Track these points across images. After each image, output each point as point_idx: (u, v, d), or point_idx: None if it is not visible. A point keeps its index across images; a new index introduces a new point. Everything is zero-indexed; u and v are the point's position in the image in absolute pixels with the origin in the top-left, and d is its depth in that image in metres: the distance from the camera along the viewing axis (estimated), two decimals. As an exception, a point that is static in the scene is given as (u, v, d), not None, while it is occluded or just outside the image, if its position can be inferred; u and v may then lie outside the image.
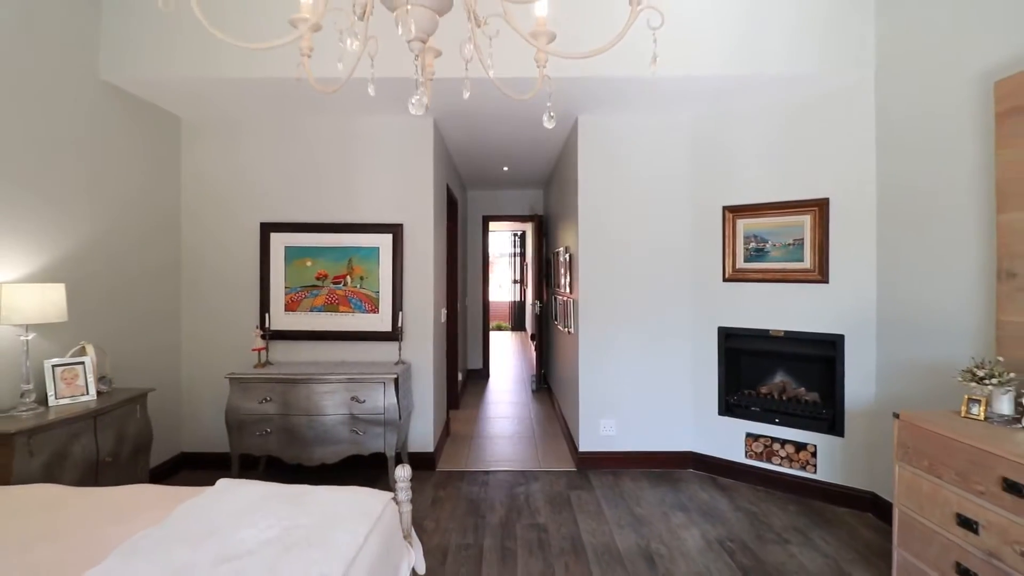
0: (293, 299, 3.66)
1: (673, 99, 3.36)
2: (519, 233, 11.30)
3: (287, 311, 3.65)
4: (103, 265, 3.00)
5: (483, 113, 3.61)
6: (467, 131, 4.09)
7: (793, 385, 3.39)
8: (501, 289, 12.65)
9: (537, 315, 6.57)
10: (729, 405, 3.50)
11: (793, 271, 3.21)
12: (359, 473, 3.47)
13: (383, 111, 3.54)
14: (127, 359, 3.14)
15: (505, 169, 5.50)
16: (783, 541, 2.68)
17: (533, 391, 6.25)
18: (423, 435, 3.72)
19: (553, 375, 5.77)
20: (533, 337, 7.08)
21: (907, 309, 2.75)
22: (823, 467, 3.13)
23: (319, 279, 3.67)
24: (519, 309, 12.14)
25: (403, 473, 1.92)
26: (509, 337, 11.70)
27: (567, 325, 4.41)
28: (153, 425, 2.93)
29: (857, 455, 3.02)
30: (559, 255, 4.95)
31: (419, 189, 3.70)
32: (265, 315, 3.61)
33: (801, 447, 3.21)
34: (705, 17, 2.91)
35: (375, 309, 3.66)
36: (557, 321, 5.18)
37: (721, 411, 3.52)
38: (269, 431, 3.18)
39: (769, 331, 3.30)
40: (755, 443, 3.38)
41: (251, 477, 2.91)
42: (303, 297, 3.66)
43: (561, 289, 4.81)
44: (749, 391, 3.49)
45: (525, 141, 4.38)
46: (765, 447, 3.34)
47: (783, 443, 3.27)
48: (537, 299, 6.64)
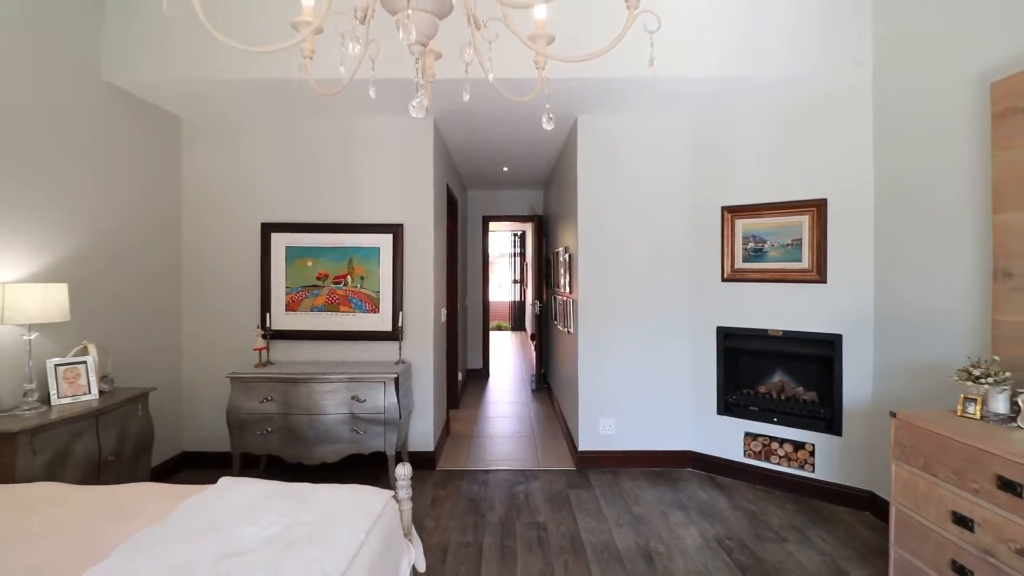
0: (294, 299, 3.68)
1: (672, 100, 3.37)
2: (519, 233, 11.31)
3: (288, 311, 3.67)
4: (105, 265, 3.01)
5: (483, 114, 3.62)
6: (467, 131, 4.10)
7: (791, 384, 3.41)
8: (501, 289, 12.66)
9: (537, 315, 6.59)
10: (728, 404, 3.51)
11: (791, 271, 3.22)
12: (359, 472, 3.49)
13: (383, 111, 3.55)
14: (129, 359, 3.16)
15: (505, 169, 5.51)
16: (781, 539, 2.70)
17: (533, 391, 6.26)
18: (423, 434, 3.74)
19: (553, 375, 5.79)
20: (533, 337, 7.09)
21: (904, 309, 2.76)
22: (821, 466, 3.15)
23: (320, 279, 3.68)
24: (519, 309, 12.15)
25: (403, 471, 1.93)
26: (509, 337, 11.71)
27: (567, 325, 4.43)
28: (155, 424, 2.95)
29: (855, 454, 3.04)
30: (559, 255, 4.96)
31: (419, 189, 3.72)
32: (266, 315, 3.62)
33: (799, 446, 3.22)
34: (704, 19, 2.93)
35: (375, 309, 3.68)
36: (557, 321, 5.19)
37: (720, 410, 3.54)
38: (270, 430, 3.19)
39: (768, 331, 3.32)
40: (753, 442, 3.40)
41: (252, 476, 2.91)
42: (304, 297, 3.68)
43: (561, 289, 4.82)
44: (748, 390, 3.51)
45: (525, 141, 4.39)
46: (763, 446, 3.36)
47: (781, 442, 3.29)
48: (537, 299, 6.65)
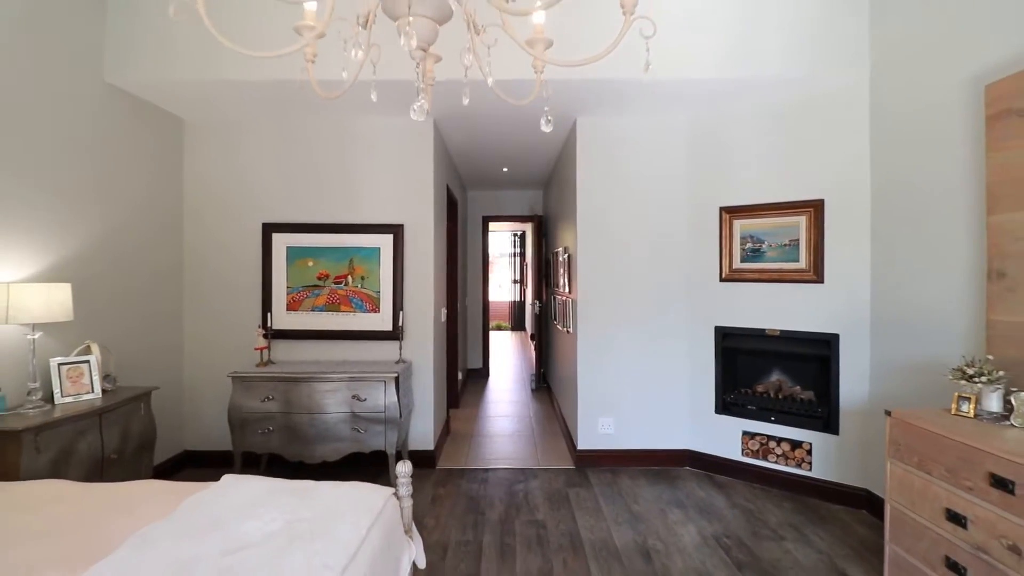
0: (295, 299, 3.70)
1: (671, 101, 3.39)
2: (519, 233, 11.33)
3: (289, 311, 3.69)
4: (108, 265, 3.03)
5: (483, 115, 3.64)
6: (467, 132, 4.12)
7: (789, 384, 3.43)
8: (501, 289, 12.68)
9: (537, 315, 6.61)
10: (726, 404, 3.54)
11: (789, 271, 3.25)
12: (360, 471, 3.51)
13: (384, 112, 3.57)
14: (131, 358, 3.18)
15: (505, 170, 5.54)
16: (778, 537, 2.72)
17: (532, 390, 6.28)
18: (423, 433, 3.76)
19: (552, 374, 5.81)
20: (533, 337, 7.11)
21: (901, 308, 2.79)
22: (818, 465, 3.17)
23: (321, 279, 3.70)
24: (519, 309, 12.17)
25: (404, 469, 1.96)
26: (509, 337, 11.73)
27: (566, 325, 4.45)
28: (157, 423, 2.97)
29: (852, 453, 3.06)
30: (558, 255, 4.99)
31: (419, 190, 3.74)
32: (267, 314, 3.65)
33: (796, 445, 3.25)
34: (702, 20, 2.95)
35: (376, 309, 3.70)
36: (556, 321, 5.22)
37: (718, 409, 3.56)
38: (271, 429, 3.22)
39: (765, 330, 3.34)
40: (751, 441, 3.42)
41: (253, 474, 2.94)
42: (305, 297, 3.70)
43: (560, 289, 4.85)
44: (745, 390, 3.53)
45: (525, 142, 4.42)
46: (761, 445, 3.38)
47: (779, 441, 3.31)
48: (537, 299, 6.67)
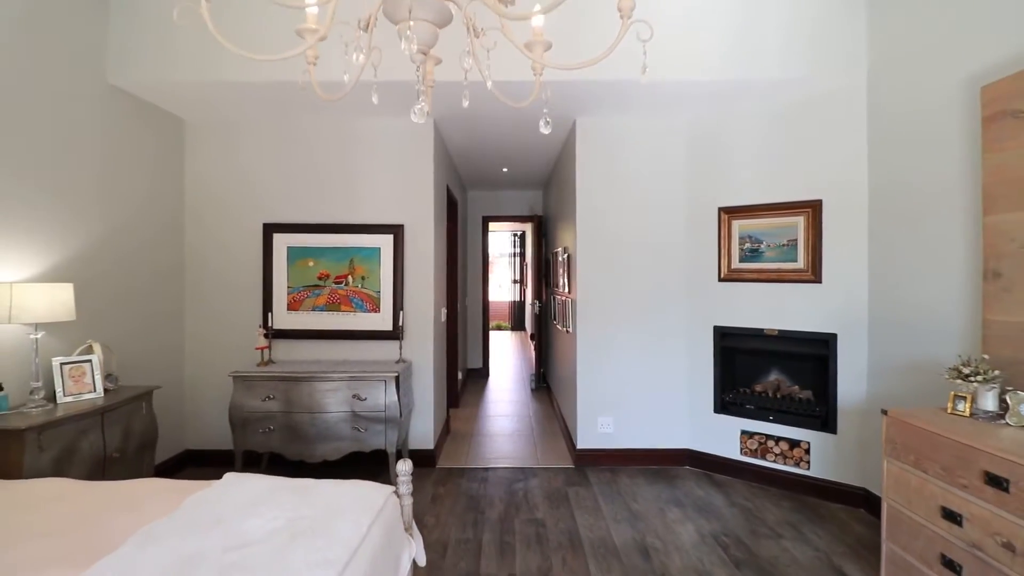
0: (295, 299, 3.71)
1: (669, 102, 3.41)
2: (519, 233, 11.35)
3: (290, 310, 3.71)
4: (110, 265, 3.05)
5: (482, 116, 3.66)
6: (467, 133, 4.14)
7: (787, 383, 3.45)
8: (501, 289, 12.70)
9: (536, 315, 6.62)
10: (724, 403, 3.55)
11: (787, 271, 3.26)
12: (360, 470, 3.52)
13: (384, 113, 3.58)
14: (133, 358, 3.19)
15: (505, 170, 5.55)
16: (776, 536, 2.74)
17: (532, 390, 6.30)
18: (423, 432, 3.78)
19: (552, 374, 5.83)
20: (532, 336, 7.13)
21: (898, 308, 2.80)
22: (816, 464, 3.19)
23: (321, 279, 3.72)
24: (519, 309, 12.19)
25: (404, 467, 1.97)
26: (509, 337, 11.75)
27: (566, 325, 4.47)
28: (158, 423, 2.98)
29: (849, 452, 3.08)
30: (558, 255, 5.00)
31: (419, 190, 3.76)
32: (268, 314, 3.66)
33: (795, 444, 3.26)
34: (701, 22, 2.97)
35: (376, 308, 3.72)
36: (556, 321, 5.23)
37: (717, 409, 3.58)
38: (272, 428, 3.23)
39: (764, 330, 3.36)
40: (750, 440, 3.44)
41: (254, 473, 2.96)
42: (305, 296, 3.72)
43: (560, 289, 4.86)
44: (744, 389, 3.55)
45: (524, 143, 4.43)
46: (760, 444, 3.40)
47: (777, 440, 3.33)
48: (536, 299, 6.69)
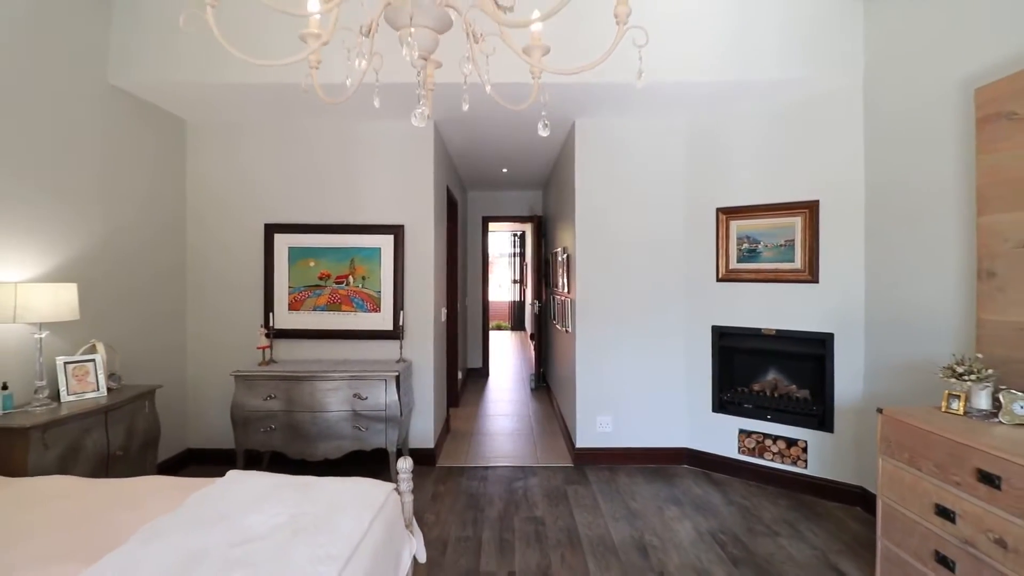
0: (297, 298, 3.74)
1: (668, 103, 3.43)
2: (519, 233, 11.37)
3: (291, 310, 3.73)
4: (113, 265, 3.08)
5: (482, 117, 3.68)
6: (467, 134, 4.16)
7: (784, 382, 3.47)
8: (501, 289, 12.72)
9: (536, 314, 6.65)
10: (722, 402, 3.58)
11: (784, 271, 3.29)
12: (361, 469, 3.54)
13: (384, 115, 3.60)
14: (135, 358, 3.22)
15: (504, 171, 5.58)
16: (773, 533, 2.76)
17: (532, 389, 6.32)
18: (424, 431, 3.80)
19: (552, 373, 5.85)
20: (532, 336, 7.15)
21: (894, 308, 2.83)
22: (813, 462, 3.22)
23: (322, 279, 3.75)
24: (519, 309, 12.21)
25: (405, 465, 2.00)
26: (509, 336, 11.78)
27: (565, 324, 4.49)
28: (160, 422, 3.01)
29: (846, 450, 3.10)
30: (557, 255, 5.03)
31: (420, 191, 3.78)
32: (269, 314, 3.69)
33: (792, 443, 3.29)
34: (699, 24, 2.99)
35: (377, 308, 3.74)
36: (555, 320, 5.26)
37: (715, 408, 3.60)
38: (273, 427, 3.26)
39: (761, 330, 3.38)
40: (748, 439, 3.46)
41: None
42: (306, 296, 3.74)
43: (559, 289, 4.89)
44: (742, 388, 3.57)
45: (524, 144, 4.46)
46: (757, 443, 3.42)
47: (775, 439, 3.35)
48: (536, 299, 6.71)
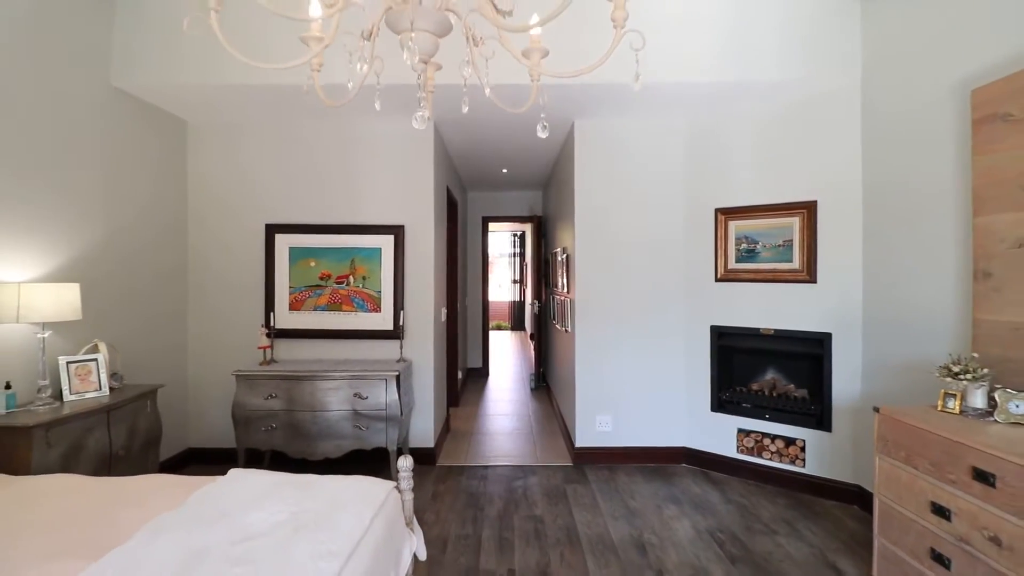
0: (297, 298, 3.76)
1: (667, 104, 3.45)
2: (519, 233, 11.37)
3: (291, 310, 3.75)
4: (115, 266, 3.09)
5: (482, 118, 3.70)
6: (467, 135, 4.18)
7: (783, 382, 3.49)
8: (501, 289, 12.74)
9: (536, 314, 6.66)
10: (721, 401, 3.59)
11: (783, 271, 3.30)
12: (361, 468, 3.55)
13: (385, 115, 3.61)
14: (137, 357, 3.24)
15: (504, 171, 5.59)
16: (771, 532, 2.78)
17: (532, 389, 6.34)
18: (424, 431, 3.82)
19: (551, 373, 5.87)
20: (532, 336, 7.17)
21: (891, 308, 2.84)
22: (811, 461, 3.23)
23: (323, 279, 3.76)
24: (519, 309, 12.22)
25: (405, 463, 2.01)
26: (509, 336, 11.80)
27: (565, 324, 4.51)
28: (162, 421, 3.02)
29: (844, 449, 3.12)
30: (557, 255, 5.04)
31: (420, 191, 3.80)
32: (270, 314, 3.70)
33: (790, 442, 3.31)
34: (698, 25, 3.01)
35: (377, 308, 3.76)
36: (555, 320, 5.27)
37: (714, 407, 3.62)
38: (274, 426, 3.27)
39: (760, 330, 3.40)
40: (746, 438, 3.48)
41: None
42: (307, 296, 3.76)
43: (559, 289, 4.90)
44: (741, 388, 3.59)
45: (523, 145, 4.47)
46: (756, 442, 3.44)
47: (773, 438, 3.37)
48: (536, 299, 6.73)
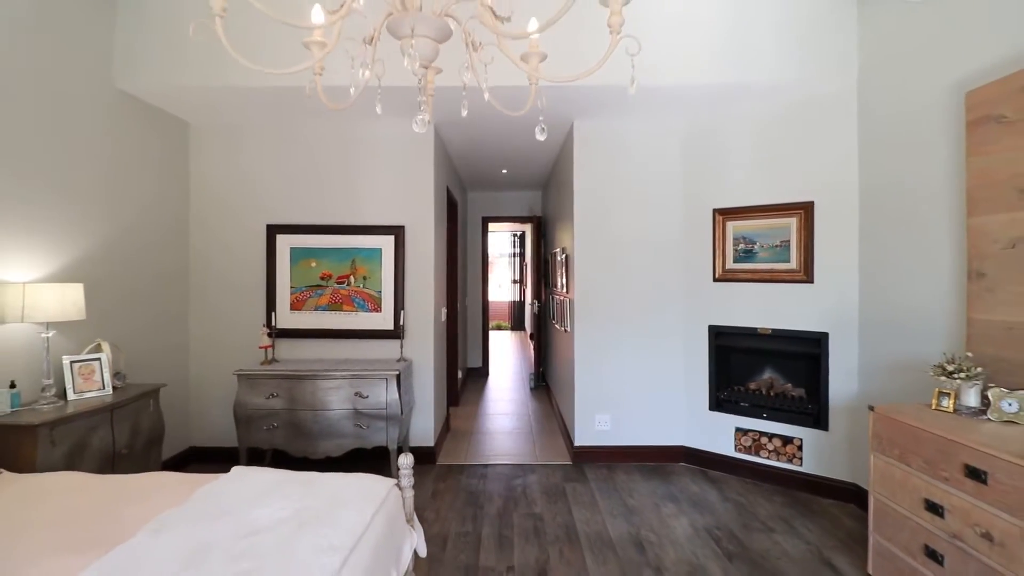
0: (298, 298, 3.78)
1: (666, 105, 3.47)
2: (518, 233, 11.39)
3: (293, 310, 3.78)
4: (118, 266, 3.12)
5: (482, 119, 3.72)
6: (467, 136, 4.21)
7: (780, 381, 3.51)
8: (501, 289, 12.76)
9: (536, 314, 6.69)
10: (719, 401, 3.62)
11: (780, 271, 3.33)
12: (362, 466, 3.58)
13: (385, 117, 3.63)
14: (140, 357, 3.26)
15: (504, 172, 5.62)
16: (768, 530, 2.80)
17: (531, 389, 6.36)
18: (424, 430, 3.85)
19: (551, 373, 5.89)
20: (532, 336, 7.19)
21: (887, 308, 2.87)
22: (808, 460, 3.26)
23: (323, 279, 3.79)
24: (518, 309, 12.24)
25: (406, 461, 2.04)
26: (509, 336, 11.82)
27: (564, 324, 4.53)
28: (164, 420, 3.05)
29: (841, 448, 3.14)
30: (556, 256, 5.07)
31: (420, 192, 3.82)
32: (271, 314, 3.73)
33: (788, 441, 3.33)
34: (696, 27, 3.03)
35: (378, 308, 3.79)
36: (555, 320, 5.30)
37: (712, 406, 3.65)
38: (276, 425, 3.30)
39: (757, 329, 3.42)
40: (744, 437, 3.50)
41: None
42: (308, 296, 3.78)
43: (558, 289, 4.93)
44: (738, 387, 3.61)
45: (523, 145, 4.50)
46: (754, 441, 3.46)
47: (771, 437, 3.39)
48: (536, 299, 6.75)
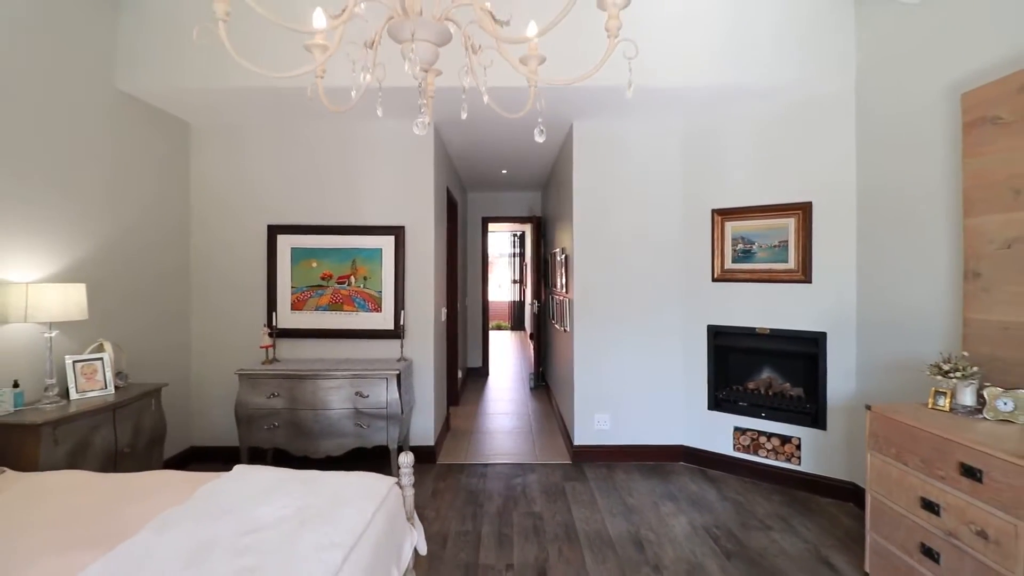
0: (299, 298, 3.80)
1: (665, 106, 3.49)
2: (518, 233, 11.41)
3: (293, 310, 3.79)
4: (120, 266, 3.14)
5: (482, 120, 3.74)
6: (466, 136, 4.23)
7: (779, 381, 3.53)
8: (501, 289, 12.78)
9: (535, 314, 6.70)
10: (718, 400, 3.64)
11: (778, 271, 3.35)
12: (363, 465, 3.57)
13: (385, 117, 3.64)
14: (141, 356, 3.28)
15: (504, 172, 5.64)
16: (766, 528, 2.82)
17: (531, 388, 6.38)
18: (424, 429, 3.86)
19: (550, 372, 5.91)
20: (532, 336, 7.21)
21: (885, 308, 2.89)
22: (807, 459, 3.27)
23: (324, 279, 3.81)
24: (518, 309, 12.26)
25: (406, 459, 2.06)
26: (508, 336, 11.84)
27: (564, 324, 4.55)
28: (166, 419, 3.06)
29: (839, 447, 3.16)
30: (556, 256, 5.08)
31: (420, 192, 3.84)
32: (272, 314, 3.75)
33: (786, 440, 3.35)
34: (696, 28, 3.05)
35: (378, 308, 3.80)
36: (554, 320, 5.31)
37: (710, 406, 3.66)
38: (277, 425, 3.32)
39: (756, 329, 3.44)
40: (743, 436, 3.52)
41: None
42: (309, 296, 3.80)
43: (558, 289, 4.94)
44: (737, 387, 3.63)
45: (523, 146, 4.51)
46: (752, 440, 3.48)
47: (769, 436, 3.41)
48: (535, 299, 6.77)
